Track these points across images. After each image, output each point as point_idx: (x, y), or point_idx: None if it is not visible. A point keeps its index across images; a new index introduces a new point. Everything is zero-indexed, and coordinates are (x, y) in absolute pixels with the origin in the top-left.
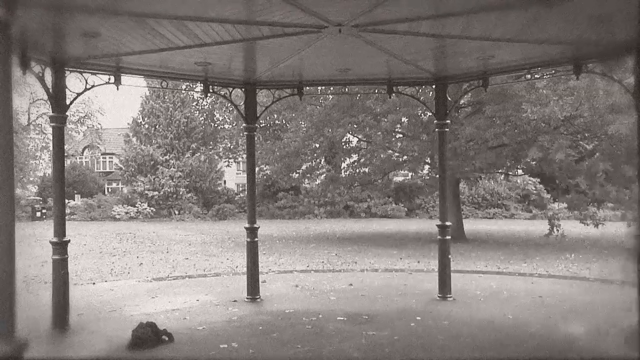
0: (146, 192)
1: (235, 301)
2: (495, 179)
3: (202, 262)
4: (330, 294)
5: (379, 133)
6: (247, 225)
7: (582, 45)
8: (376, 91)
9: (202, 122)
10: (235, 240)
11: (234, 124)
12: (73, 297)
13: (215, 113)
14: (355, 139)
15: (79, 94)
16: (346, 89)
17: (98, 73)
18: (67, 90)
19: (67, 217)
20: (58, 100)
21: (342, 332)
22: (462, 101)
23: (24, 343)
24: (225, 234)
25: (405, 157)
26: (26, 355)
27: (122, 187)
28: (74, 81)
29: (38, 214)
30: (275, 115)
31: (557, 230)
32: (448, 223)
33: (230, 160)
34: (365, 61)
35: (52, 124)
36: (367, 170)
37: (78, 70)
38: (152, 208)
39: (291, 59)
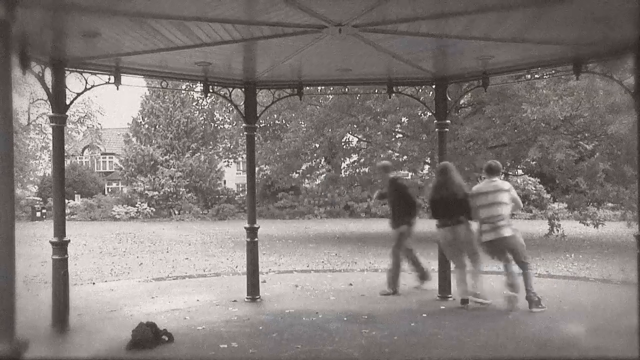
0: (146, 192)
1: (235, 301)
2: None
3: (202, 262)
4: (330, 294)
5: (379, 133)
6: (247, 225)
7: (582, 45)
8: (376, 91)
9: (202, 122)
10: (235, 240)
11: (234, 124)
12: (73, 297)
13: (215, 113)
14: (355, 139)
15: (79, 94)
16: (346, 89)
17: (98, 73)
18: (67, 90)
19: (67, 217)
20: (58, 100)
21: (341, 332)
22: (462, 101)
23: (24, 343)
24: (225, 234)
25: (405, 157)
26: (26, 355)
27: (122, 187)
28: (74, 81)
29: (38, 214)
30: (275, 115)
31: (557, 230)
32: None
33: (230, 160)
34: (365, 61)
35: (52, 124)
36: (367, 170)
37: (78, 70)
38: (152, 208)
39: (291, 59)
